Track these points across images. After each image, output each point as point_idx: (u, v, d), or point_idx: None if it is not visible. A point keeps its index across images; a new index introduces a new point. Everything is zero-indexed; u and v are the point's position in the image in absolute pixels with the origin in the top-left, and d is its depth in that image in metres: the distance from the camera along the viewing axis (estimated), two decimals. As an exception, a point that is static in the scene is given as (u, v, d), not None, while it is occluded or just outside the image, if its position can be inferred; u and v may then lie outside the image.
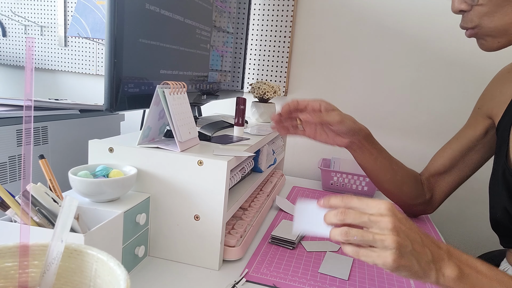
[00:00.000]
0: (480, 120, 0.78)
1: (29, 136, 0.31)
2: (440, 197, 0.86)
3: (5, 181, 0.70)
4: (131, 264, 0.57)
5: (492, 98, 0.75)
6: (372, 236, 0.44)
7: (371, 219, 0.45)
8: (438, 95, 1.16)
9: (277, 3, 1.21)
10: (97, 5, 1.28)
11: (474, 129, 0.79)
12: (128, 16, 0.57)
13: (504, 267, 0.72)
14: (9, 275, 0.33)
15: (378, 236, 0.44)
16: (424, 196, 0.85)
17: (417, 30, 1.14)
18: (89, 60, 1.39)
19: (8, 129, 0.69)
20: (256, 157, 0.85)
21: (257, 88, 1.06)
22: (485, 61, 1.10)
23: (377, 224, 0.44)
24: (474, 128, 0.79)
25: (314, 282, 0.59)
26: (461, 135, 0.82)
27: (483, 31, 0.62)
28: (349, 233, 0.45)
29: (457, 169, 0.83)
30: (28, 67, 0.30)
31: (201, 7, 0.83)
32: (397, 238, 0.43)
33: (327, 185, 1.11)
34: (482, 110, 0.78)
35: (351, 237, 0.45)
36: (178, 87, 0.61)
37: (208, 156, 0.58)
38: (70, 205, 0.33)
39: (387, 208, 0.45)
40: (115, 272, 0.31)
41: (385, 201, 0.46)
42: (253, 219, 0.75)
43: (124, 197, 0.58)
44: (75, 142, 0.86)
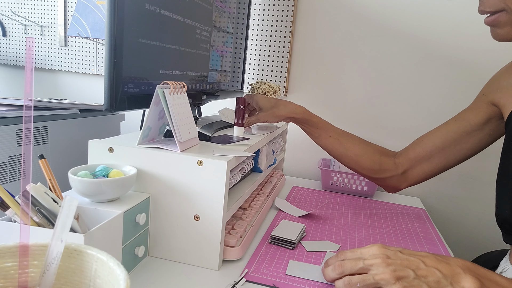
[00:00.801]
0: (483, 106, 0.74)
1: (29, 136, 0.31)
2: (419, 175, 0.83)
3: (5, 181, 0.70)
4: (131, 264, 0.57)
5: (499, 87, 0.72)
6: (373, 278, 0.47)
7: (366, 263, 0.49)
8: (438, 95, 1.16)
9: (277, 3, 1.21)
10: (97, 5, 1.28)
11: (475, 114, 0.75)
12: (128, 16, 0.57)
13: (504, 267, 0.72)
14: (9, 275, 0.33)
15: (378, 276, 0.47)
16: (392, 171, 0.84)
17: (417, 30, 1.14)
18: (89, 60, 1.39)
19: (8, 129, 0.69)
20: (256, 157, 0.85)
21: (257, 88, 1.06)
22: (485, 61, 1.10)
23: (373, 266, 0.48)
24: (476, 112, 0.75)
25: (314, 282, 0.59)
26: (460, 117, 0.78)
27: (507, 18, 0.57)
28: (351, 281, 0.49)
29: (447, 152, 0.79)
30: (28, 67, 0.30)
31: (201, 7, 0.83)
32: (394, 273, 0.46)
33: (327, 185, 1.11)
34: (487, 96, 0.75)
35: (354, 285, 0.48)
36: (178, 87, 0.61)
37: (208, 156, 0.58)
38: (70, 205, 0.33)
39: (377, 249, 0.50)
40: (115, 272, 0.31)
41: (374, 244, 0.51)
42: (253, 219, 0.75)
43: (124, 197, 0.58)
44: (75, 142, 0.86)
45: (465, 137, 0.76)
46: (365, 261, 0.49)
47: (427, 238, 0.82)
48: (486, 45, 1.10)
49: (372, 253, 0.50)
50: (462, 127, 0.76)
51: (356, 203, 1.02)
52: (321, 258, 0.67)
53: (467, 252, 1.20)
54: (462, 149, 0.77)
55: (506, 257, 0.74)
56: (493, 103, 0.73)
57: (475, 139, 0.76)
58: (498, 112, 0.73)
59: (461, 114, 0.79)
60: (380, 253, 0.49)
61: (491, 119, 0.74)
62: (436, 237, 0.83)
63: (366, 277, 0.48)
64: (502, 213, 0.67)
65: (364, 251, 0.51)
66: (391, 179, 0.85)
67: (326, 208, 0.95)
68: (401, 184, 0.86)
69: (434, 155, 0.80)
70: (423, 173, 0.82)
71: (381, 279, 0.46)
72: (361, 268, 0.49)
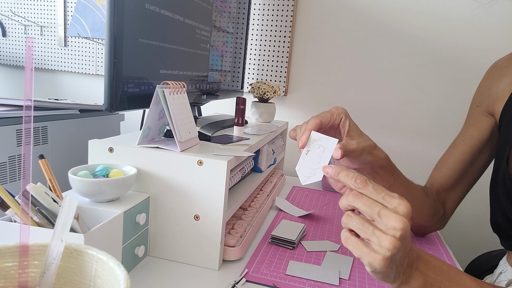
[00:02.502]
0: (482, 119, 0.74)
1: (29, 136, 0.31)
2: (451, 209, 0.78)
3: (5, 181, 0.70)
4: (131, 264, 0.57)
5: (490, 95, 0.72)
6: (372, 230, 0.41)
7: (381, 213, 0.40)
8: (438, 95, 1.16)
9: (277, 3, 1.21)
10: (97, 5, 1.28)
11: (479, 130, 0.74)
12: (128, 16, 0.57)
13: (503, 268, 0.72)
14: (9, 275, 0.33)
15: (378, 233, 0.40)
16: (439, 213, 0.76)
17: (417, 30, 1.14)
18: (89, 60, 1.39)
19: (8, 129, 0.69)
20: (256, 157, 0.85)
21: (257, 88, 1.06)
22: (485, 61, 1.10)
23: (384, 221, 0.40)
24: (479, 128, 0.74)
25: (314, 282, 0.59)
26: (466, 136, 0.76)
27: None
28: (350, 216, 0.43)
29: (468, 175, 0.76)
30: (28, 67, 0.29)
31: (201, 7, 0.83)
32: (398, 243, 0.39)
33: (327, 185, 1.10)
34: (481, 107, 0.74)
35: (351, 222, 0.43)
36: (178, 87, 0.61)
37: (208, 156, 0.58)
38: (70, 205, 0.33)
39: (406, 208, 0.40)
40: (115, 272, 0.31)
41: (405, 200, 0.41)
42: (253, 219, 0.75)
43: (124, 197, 0.58)
44: (75, 142, 0.86)
45: (479, 155, 0.75)
46: (381, 210, 0.40)
47: (427, 237, 0.82)
48: (486, 45, 1.10)
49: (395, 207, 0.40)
50: (474, 145, 0.75)
51: (356, 203, 1.01)
52: (321, 258, 0.67)
53: (467, 252, 1.20)
54: (479, 165, 0.76)
55: (505, 257, 0.74)
56: (488, 112, 0.73)
57: (487, 153, 0.75)
58: (495, 120, 0.72)
59: (466, 133, 0.76)
60: (405, 214, 0.40)
61: (494, 130, 0.73)
62: (436, 237, 0.83)
63: (366, 225, 0.41)
64: (496, 219, 0.67)
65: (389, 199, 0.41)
66: (439, 220, 0.77)
67: (326, 208, 0.95)
68: (443, 223, 0.79)
69: (458, 183, 0.77)
70: (453, 203, 0.78)
71: (379, 237, 0.40)
72: (371, 213, 0.41)
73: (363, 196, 0.42)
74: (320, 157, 0.48)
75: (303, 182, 0.49)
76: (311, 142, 0.50)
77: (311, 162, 0.49)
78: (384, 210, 0.41)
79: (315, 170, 0.48)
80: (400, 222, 0.39)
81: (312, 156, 0.49)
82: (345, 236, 0.43)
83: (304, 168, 0.49)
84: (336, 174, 0.44)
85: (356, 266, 0.66)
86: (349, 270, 0.63)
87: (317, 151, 0.49)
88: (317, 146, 0.49)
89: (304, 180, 0.49)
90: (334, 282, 0.59)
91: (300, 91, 1.26)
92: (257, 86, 1.06)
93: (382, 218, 0.40)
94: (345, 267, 0.64)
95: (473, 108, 0.77)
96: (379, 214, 0.41)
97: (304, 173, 0.49)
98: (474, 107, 0.77)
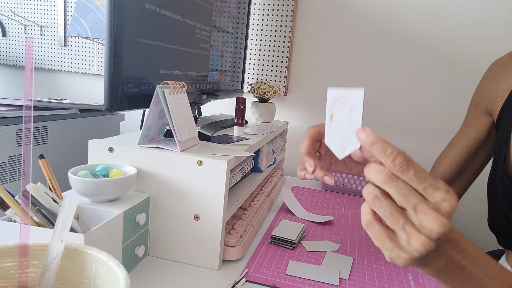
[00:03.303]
0: (480, 118, 0.74)
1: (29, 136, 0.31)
2: None
3: (5, 181, 0.70)
4: (131, 264, 0.57)
5: (489, 94, 0.72)
6: (403, 224, 0.34)
7: (418, 208, 0.33)
8: (438, 95, 1.16)
9: (277, 3, 1.21)
10: (97, 5, 1.28)
11: (477, 129, 0.75)
12: (128, 16, 0.57)
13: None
14: (9, 275, 0.33)
15: (410, 229, 0.33)
16: None
17: (417, 29, 1.14)
18: (89, 60, 1.39)
19: (8, 129, 0.69)
20: (256, 157, 0.85)
21: (257, 88, 1.06)
22: (485, 60, 1.10)
23: (420, 217, 0.33)
24: (476, 126, 0.75)
25: (314, 282, 0.59)
26: (463, 135, 0.77)
27: None
28: (379, 200, 0.35)
29: (465, 174, 0.77)
30: (28, 67, 0.29)
31: (201, 7, 0.83)
32: (431, 245, 0.33)
33: (327, 185, 1.10)
34: (480, 107, 0.75)
35: (378, 207, 0.35)
36: (178, 87, 0.61)
37: (208, 156, 0.58)
38: (70, 205, 0.33)
39: (450, 207, 0.33)
40: (115, 272, 0.31)
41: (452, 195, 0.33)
42: (253, 219, 0.75)
43: (124, 197, 0.58)
44: (75, 142, 0.86)
45: (476, 154, 0.76)
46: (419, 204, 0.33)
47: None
48: (486, 44, 1.10)
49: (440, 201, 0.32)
50: (471, 144, 0.76)
51: (356, 203, 1.02)
52: (321, 258, 0.67)
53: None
54: (476, 165, 0.77)
55: (504, 257, 0.74)
56: (487, 111, 0.73)
57: (485, 152, 0.76)
58: (493, 119, 0.73)
59: (464, 132, 0.77)
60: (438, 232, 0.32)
61: (492, 129, 0.73)
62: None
63: (397, 216, 0.34)
64: (494, 218, 0.67)
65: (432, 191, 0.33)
66: None
67: (326, 208, 0.95)
68: None
69: (455, 181, 0.78)
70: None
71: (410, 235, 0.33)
72: (406, 204, 0.33)
73: (399, 181, 0.33)
74: (350, 119, 0.38)
75: (340, 156, 0.39)
76: (331, 104, 0.39)
77: (341, 128, 0.39)
78: (422, 205, 0.33)
79: (349, 137, 0.38)
80: (440, 226, 0.32)
81: (339, 119, 0.39)
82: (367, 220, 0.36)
83: (334, 138, 0.39)
84: (369, 143, 0.35)
85: (356, 266, 0.66)
86: (349, 270, 0.63)
87: (343, 112, 0.38)
88: (340, 106, 0.38)
89: (340, 153, 0.39)
90: (334, 282, 0.59)
91: (300, 91, 1.26)
92: (257, 86, 1.06)
93: (418, 214, 0.33)
94: (345, 267, 0.64)
95: (472, 107, 0.78)
96: (415, 208, 0.33)
97: (337, 145, 0.39)
98: (473, 106, 0.77)
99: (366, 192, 0.36)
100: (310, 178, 0.50)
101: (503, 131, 0.66)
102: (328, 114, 0.40)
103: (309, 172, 0.50)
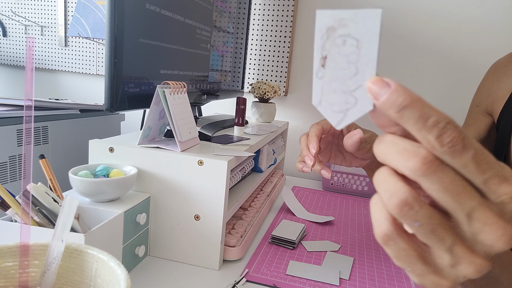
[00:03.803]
0: (480, 119, 0.74)
1: (30, 136, 0.31)
2: None
3: (6, 181, 0.70)
4: (132, 264, 0.57)
5: (489, 94, 0.72)
6: (450, 246, 0.22)
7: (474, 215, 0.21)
8: (438, 95, 1.16)
9: (277, 3, 1.21)
10: (97, 5, 1.28)
11: (476, 129, 0.75)
12: (128, 16, 0.57)
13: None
14: (10, 275, 0.33)
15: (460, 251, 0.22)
16: None
17: (417, 30, 1.14)
18: (89, 60, 1.39)
19: (8, 129, 0.69)
20: (256, 157, 0.85)
21: (257, 88, 1.06)
22: (485, 61, 1.10)
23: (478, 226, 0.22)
24: (477, 127, 0.75)
25: (314, 282, 0.59)
26: None
27: None
28: (411, 208, 0.22)
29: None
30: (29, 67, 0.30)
31: (201, 7, 0.83)
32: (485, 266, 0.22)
33: (327, 185, 1.10)
34: (480, 107, 0.75)
35: (410, 219, 0.22)
36: (178, 87, 0.61)
37: (209, 156, 0.58)
38: (70, 205, 0.33)
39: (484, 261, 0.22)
40: (115, 272, 0.31)
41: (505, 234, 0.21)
42: (253, 219, 0.75)
43: (124, 197, 0.58)
44: (75, 142, 0.86)
45: None
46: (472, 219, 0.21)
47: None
48: (486, 45, 1.10)
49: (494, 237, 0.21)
50: None
51: (356, 203, 1.02)
52: (322, 258, 0.67)
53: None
54: None
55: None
56: (487, 112, 0.73)
57: None
58: (493, 120, 0.73)
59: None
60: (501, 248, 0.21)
61: (492, 129, 0.73)
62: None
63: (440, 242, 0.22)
64: None
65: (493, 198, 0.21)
66: None
67: (326, 208, 0.95)
68: None
69: None
70: None
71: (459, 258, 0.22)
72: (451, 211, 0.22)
73: (446, 170, 0.21)
74: (356, 62, 0.23)
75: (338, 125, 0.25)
76: (324, 37, 0.24)
77: (339, 78, 0.24)
78: (482, 210, 0.21)
79: (354, 93, 0.23)
80: (506, 242, 0.21)
81: (337, 63, 0.24)
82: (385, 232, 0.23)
83: (328, 95, 0.25)
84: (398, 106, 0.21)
85: (356, 266, 0.66)
86: (349, 270, 0.63)
87: (344, 50, 0.23)
88: (339, 39, 0.23)
89: (339, 121, 0.24)
90: (334, 282, 0.59)
91: (300, 91, 1.26)
92: (258, 86, 1.06)
93: (474, 223, 0.22)
94: (345, 267, 0.64)
95: (473, 107, 0.78)
96: (470, 215, 0.21)
97: (332, 107, 0.25)
98: (473, 107, 0.78)
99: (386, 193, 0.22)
100: (308, 171, 0.51)
101: (503, 132, 0.66)
102: (317, 55, 0.24)
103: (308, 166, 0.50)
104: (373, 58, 0.22)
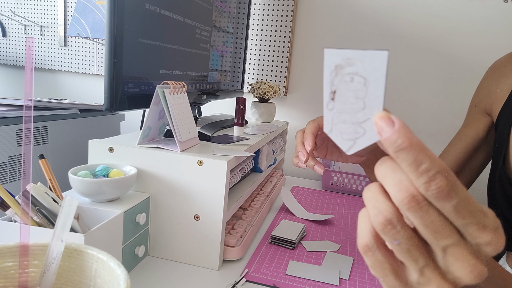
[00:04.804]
0: (479, 118, 0.75)
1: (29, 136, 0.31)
2: None
3: (5, 181, 0.70)
4: (131, 264, 0.57)
5: (488, 94, 0.73)
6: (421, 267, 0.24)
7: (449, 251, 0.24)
8: (438, 95, 1.16)
9: (277, 3, 1.21)
10: (97, 5, 1.28)
11: (475, 128, 0.75)
12: (128, 16, 0.57)
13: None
14: (9, 275, 0.33)
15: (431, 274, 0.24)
16: None
17: (417, 30, 1.14)
18: (89, 60, 1.39)
19: (8, 129, 0.69)
20: (256, 157, 0.85)
21: (257, 88, 1.06)
22: (485, 61, 1.10)
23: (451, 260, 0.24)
24: (475, 127, 0.75)
25: (314, 282, 0.59)
26: (462, 135, 0.77)
27: None
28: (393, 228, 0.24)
29: (464, 174, 0.76)
30: (28, 67, 0.29)
31: (201, 7, 0.83)
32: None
33: (327, 185, 1.11)
34: (479, 107, 0.75)
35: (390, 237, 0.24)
36: (178, 87, 0.61)
37: (208, 156, 0.58)
38: (70, 205, 0.33)
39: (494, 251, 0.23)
40: (115, 272, 0.31)
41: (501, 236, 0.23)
42: (253, 219, 0.75)
43: (124, 197, 0.58)
44: (75, 142, 0.86)
45: (475, 154, 0.76)
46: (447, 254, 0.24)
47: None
48: (486, 45, 1.10)
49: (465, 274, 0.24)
50: (470, 144, 0.76)
51: (356, 203, 1.02)
52: (321, 258, 0.67)
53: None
54: (476, 165, 0.77)
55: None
56: (486, 111, 0.74)
57: (484, 152, 0.76)
58: (492, 120, 0.73)
59: (463, 132, 0.78)
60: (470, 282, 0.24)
61: (491, 129, 0.74)
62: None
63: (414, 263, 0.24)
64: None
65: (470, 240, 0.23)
66: None
67: (326, 208, 0.95)
68: None
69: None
70: None
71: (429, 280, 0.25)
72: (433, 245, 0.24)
73: (430, 211, 0.23)
74: (364, 98, 0.25)
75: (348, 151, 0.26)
76: (333, 74, 0.26)
77: (349, 112, 0.26)
78: (457, 249, 0.23)
79: (362, 125, 0.25)
80: (475, 277, 0.23)
81: (346, 98, 0.26)
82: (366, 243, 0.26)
83: (338, 125, 0.26)
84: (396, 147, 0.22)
85: (356, 266, 0.66)
86: (349, 270, 0.63)
87: (352, 86, 0.25)
88: (347, 77, 0.25)
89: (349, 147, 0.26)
90: (334, 282, 0.59)
91: (300, 91, 1.26)
92: (257, 86, 1.06)
93: (448, 257, 0.24)
94: (345, 267, 0.64)
95: (472, 107, 0.78)
96: (445, 250, 0.24)
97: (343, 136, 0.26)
98: (473, 107, 0.78)
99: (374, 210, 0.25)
100: (303, 166, 0.52)
101: (502, 132, 0.66)
102: (327, 89, 0.26)
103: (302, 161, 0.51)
104: (380, 95, 0.24)
